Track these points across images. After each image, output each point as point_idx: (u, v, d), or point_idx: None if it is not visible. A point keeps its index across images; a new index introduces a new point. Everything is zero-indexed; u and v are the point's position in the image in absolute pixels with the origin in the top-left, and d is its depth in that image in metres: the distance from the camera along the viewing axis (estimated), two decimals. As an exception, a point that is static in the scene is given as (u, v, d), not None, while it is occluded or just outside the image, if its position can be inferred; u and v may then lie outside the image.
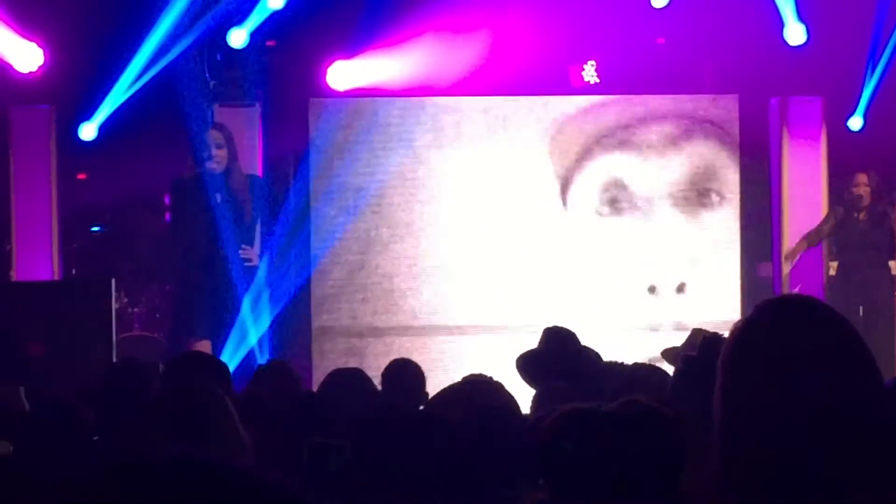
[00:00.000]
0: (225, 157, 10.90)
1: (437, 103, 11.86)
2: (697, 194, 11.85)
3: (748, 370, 2.52)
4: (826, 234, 11.88)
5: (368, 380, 6.67)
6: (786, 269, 12.01)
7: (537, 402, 6.17)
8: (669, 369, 6.67)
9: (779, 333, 2.53)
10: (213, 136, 10.95)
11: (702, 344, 5.82)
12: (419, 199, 11.76)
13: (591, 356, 7.24)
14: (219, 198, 10.75)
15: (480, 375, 6.19)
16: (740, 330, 2.59)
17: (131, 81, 11.59)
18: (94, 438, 4.57)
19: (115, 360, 9.69)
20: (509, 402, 5.56)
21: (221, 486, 1.46)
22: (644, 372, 6.78)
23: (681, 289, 11.78)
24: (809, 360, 2.48)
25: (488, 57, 11.95)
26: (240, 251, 10.94)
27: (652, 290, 11.76)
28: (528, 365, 7.13)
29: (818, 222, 11.87)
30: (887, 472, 2.44)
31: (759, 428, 2.47)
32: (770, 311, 2.60)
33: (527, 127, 11.80)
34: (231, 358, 10.54)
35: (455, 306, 11.69)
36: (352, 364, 11.06)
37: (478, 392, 5.65)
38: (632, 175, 11.82)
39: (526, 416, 5.55)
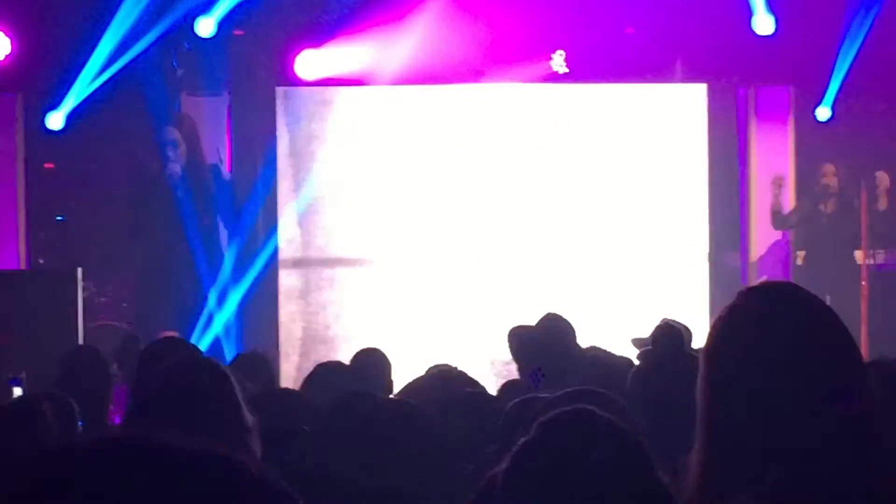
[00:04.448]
0: (184, 154, 10.96)
1: (404, 92, 11.84)
2: (664, 183, 11.86)
3: (733, 358, 2.45)
4: (791, 224, 11.90)
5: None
6: (753, 256, 12.04)
7: (505, 391, 6.16)
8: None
9: (763, 320, 2.46)
10: (171, 133, 10.99)
11: (654, 335, 5.73)
12: (388, 187, 11.74)
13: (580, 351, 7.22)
14: (182, 189, 10.76)
15: (445, 365, 6.20)
16: (723, 318, 2.51)
17: (99, 70, 11.53)
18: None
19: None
20: (478, 388, 5.57)
21: (189, 470, 1.39)
22: (613, 363, 6.78)
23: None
24: (795, 345, 2.43)
25: (457, 46, 11.93)
26: None
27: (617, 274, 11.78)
28: (522, 341, 7.04)
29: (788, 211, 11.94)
30: (877, 464, 2.40)
31: (747, 418, 2.40)
32: (753, 298, 2.53)
33: (496, 114, 11.79)
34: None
35: (427, 296, 11.67)
36: (320, 354, 11.08)
37: (446, 380, 5.66)
38: (599, 162, 11.82)
39: (495, 399, 5.55)
